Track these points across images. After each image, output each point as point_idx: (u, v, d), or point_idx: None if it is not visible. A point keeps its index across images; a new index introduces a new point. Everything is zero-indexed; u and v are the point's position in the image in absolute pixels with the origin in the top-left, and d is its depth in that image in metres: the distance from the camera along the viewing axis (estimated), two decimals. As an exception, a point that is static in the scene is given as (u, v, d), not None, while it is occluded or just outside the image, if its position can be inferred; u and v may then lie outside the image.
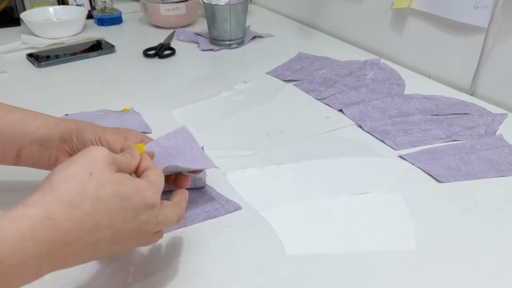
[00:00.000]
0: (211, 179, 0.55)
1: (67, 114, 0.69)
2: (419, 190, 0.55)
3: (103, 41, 1.02)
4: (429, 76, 0.87)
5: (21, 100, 0.65)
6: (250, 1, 1.36)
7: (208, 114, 0.72)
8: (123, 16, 1.20)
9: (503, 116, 0.71)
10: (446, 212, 0.51)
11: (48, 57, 0.93)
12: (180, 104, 0.75)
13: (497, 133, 0.67)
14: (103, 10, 1.17)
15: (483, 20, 0.73)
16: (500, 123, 0.69)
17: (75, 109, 0.70)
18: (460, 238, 0.47)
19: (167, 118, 0.71)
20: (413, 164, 0.59)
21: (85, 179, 0.32)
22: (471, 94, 0.79)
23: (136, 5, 1.30)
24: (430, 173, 0.57)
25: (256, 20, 1.19)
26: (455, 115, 0.72)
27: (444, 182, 0.56)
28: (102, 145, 0.45)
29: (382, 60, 0.92)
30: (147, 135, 0.65)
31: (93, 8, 1.19)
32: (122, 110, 0.71)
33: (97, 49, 0.98)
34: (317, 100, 0.77)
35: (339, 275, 0.42)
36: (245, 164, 0.59)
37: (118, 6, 1.22)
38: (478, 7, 0.74)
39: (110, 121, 0.67)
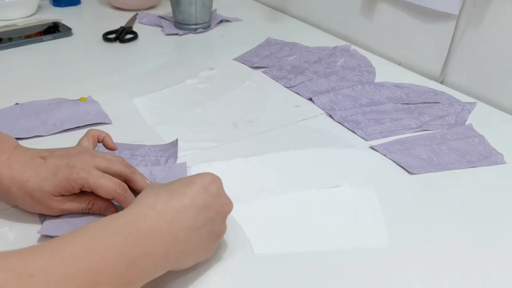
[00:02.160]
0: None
1: (17, 103, 0.64)
2: (391, 183, 0.53)
3: (60, 24, 0.95)
4: (400, 64, 0.86)
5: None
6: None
7: (172, 103, 0.69)
8: (82, -3, 1.13)
9: (472, 105, 0.71)
10: (418, 205, 0.50)
11: (2, 40, 0.86)
12: (142, 92, 0.70)
13: (467, 122, 0.66)
14: (59, -11, 1.09)
15: (454, 7, 0.72)
16: (470, 112, 0.69)
17: (27, 98, 0.65)
18: (432, 230, 0.46)
19: (128, 108, 0.66)
20: (385, 156, 0.58)
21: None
22: (441, 82, 0.79)
23: (96, -14, 1.22)
24: (401, 165, 0.56)
25: (222, 3, 1.14)
26: (425, 104, 0.71)
27: (416, 174, 0.55)
28: None
29: (352, 47, 0.90)
30: (106, 126, 0.61)
31: (48, -13, 1.12)
32: (79, 99, 0.66)
33: (53, 32, 0.91)
34: (286, 88, 0.75)
35: (310, 274, 0.40)
36: (211, 156, 0.56)
37: (75, -14, 1.14)
38: (449, -7, 0.73)
39: (65, 111, 0.62)
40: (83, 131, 0.49)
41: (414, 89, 0.75)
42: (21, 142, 0.46)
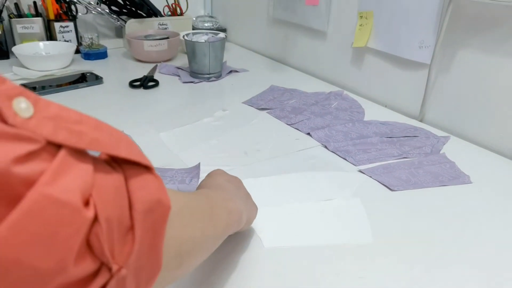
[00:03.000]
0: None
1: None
2: (375, 197, 0.65)
3: (91, 73, 1.10)
4: (385, 106, 0.99)
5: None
6: (226, 39, 1.48)
7: (192, 136, 0.81)
8: (108, 51, 1.29)
9: (446, 138, 0.83)
10: (397, 214, 0.61)
11: (42, 87, 1.01)
12: (166, 128, 0.83)
13: (441, 152, 0.79)
14: (90, 45, 1.26)
15: (426, 57, 0.87)
16: (444, 144, 0.81)
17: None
18: (408, 234, 0.57)
19: (155, 140, 0.79)
20: (370, 177, 0.70)
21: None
22: (421, 120, 0.92)
23: (120, 42, 1.40)
24: (384, 184, 0.68)
25: (232, 56, 1.31)
26: (406, 137, 0.83)
27: (396, 190, 0.66)
28: None
29: (345, 92, 1.04)
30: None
31: (80, 43, 1.28)
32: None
33: (86, 81, 1.06)
34: (288, 125, 0.88)
35: (308, 263, 0.51)
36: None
37: (103, 42, 1.31)
38: (422, 46, 0.87)
39: None
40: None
41: (397, 125, 0.88)
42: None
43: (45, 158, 0.21)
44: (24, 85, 1.00)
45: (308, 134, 0.84)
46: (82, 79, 1.07)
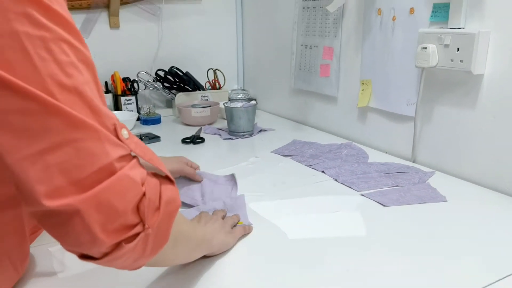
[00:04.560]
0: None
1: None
2: (371, 211, 0.87)
3: (150, 134, 1.40)
4: (386, 152, 1.23)
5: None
6: (257, 106, 1.79)
7: (236, 173, 1.07)
8: (161, 118, 1.61)
9: (432, 173, 1.06)
10: (388, 222, 0.83)
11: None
12: (214, 169, 1.10)
13: (426, 182, 1.01)
14: (147, 114, 1.58)
15: (412, 112, 1.12)
16: (429, 177, 1.04)
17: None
18: (396, 237, 0.78)
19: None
20: (369, 198, 0.92)
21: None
22: (413, 161, 1.15)
23: (170, 111, 1.72)
24: (379, 202, 0.90)
25: (262, 120, 1.59)
26: (400, 173, 1.06)
27: (388, 206, 0.89)
28: None
29: (353, 143, 1.29)
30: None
31: (139, 112, 1.60)
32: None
33: (149, 138, 1.35)
34: (306, 166, 1.12)
35: (321, 249, 0.73)
36: (260, 200, 0.92)
37: (157, 111, 1.63)
38: (409, 104, 1.13)
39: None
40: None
41: (394, 165, 1.12)
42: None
43: (128, 160, 0.46)
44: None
45: (323, 172, 1.08)
46: (143, 138, 1.36)
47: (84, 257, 0.46)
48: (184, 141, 1.34)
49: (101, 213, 0.42)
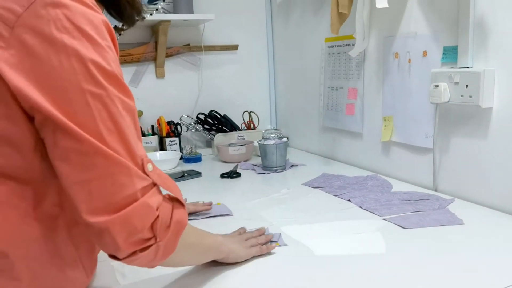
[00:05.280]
0: (275, 231, 0.99)
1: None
2: (392, 232, 0.96)
3: (192, 170, 1.55)
4: (409, 182, 1.32)
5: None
6: (288, 145, 1.92)
7: (266, 204, 1.19)
8: (202, 157, 1.76)
9: (452, 200, 1.14)
10: (406, 242, 0.92)
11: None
12: (250, 200, 1.22)
13: (445, 208, 1.09)
14: (189, 153, 1.74)
15: (430, 144, 1.22)
16: (449, 204, 1.12)
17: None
18: (414, 256, 0.87)
19: (243, 207, 1.17)
20: (390, 221, 1.02)
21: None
22: (435, 190, 1.23)
23: (210, 150, 1.87)
24: (399, 225, 0.99)
25: (293, 156, 1.72)
26: (421, 200, 1.15)
27: (407, 228, 0.98)
28: None
29: (378, 175, 1.39)
30: (229, 216, 1.11)
31: (182, 152, 1.77)
32: (217, 203, 1.19)
33: (191, 175, 1.50)
34: (334, 196, 1.23)
35: (344, 264, 0.83)
36: (291, 224, 1.03)
37: (198, 150, 1.79)
38: (427, 136, 1.23)
39: (213, 210, 1.14)
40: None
41: (416, 194, 1.20)
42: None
43: (149, 189, 0.61)
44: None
45: (349, 200, 1.18)
46: (187, 174, 1.51)
47: (112, 256, 0.62)
48: (223, 176, 1.48)
49: (124, 230, 0.58)
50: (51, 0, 0.56)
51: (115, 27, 0.79)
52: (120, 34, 0.83)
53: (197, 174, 1.51)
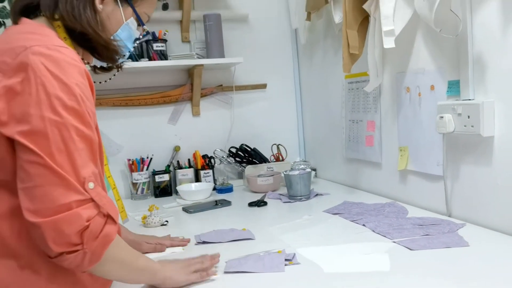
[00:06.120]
0: (291, 252, 1.10)
1: (199, 234, 1.30)
2: (399, 253, 1.04)
3: (224, 200, 1.68)
4: (425, 209, 1.39)
5: (180, 231, 1.29)
6: (316, 176, 2.02)
7: (288, 228, 1.30)
8: (233, 187, 1.90)
9: (462, 224, 1.20)
10: (413, 262, 0.99)
11: (194, 209, 1.60)
12: (273, 225, 1.33)
13: (455, 232, 1.15)
14: (222, 184, 1.88)
15: (440, 171, 1.29)
16: (460, 228, 1.18)
17: (208, 229, 1.32)
18: (416, 274, 0.95)
19: (266, 232, 1.28)
20: (399, 244, 1.10)
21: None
22: (449, 216, 1.29)
23: (241, 181, 2.01)
24: (407, 247, 1.07)
25: (319, 186, 1.82)
26: (433, 225, 1.22)
27: (414, 250, 1.05)
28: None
29: (396, 202, 1.46)
30: (252, 240, 1.23)
31: (215, 183, 1.91)
32: (242, 229, 1.31)
33: (221, 204, 1.64)
34: (351, 221, 1.32)
35: (350, 281, 0.92)
36: (307, 246, 1.13)
37: (230, 181, 1.93)
38: (438, 164, 1.31)
39: (235, 234, 1.26)
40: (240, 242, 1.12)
41: (429, 219, 1.27)
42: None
43: (85, 203, 0.74)
44: (184, 209, 1.60)
45: (363, 225, 1.27)
46: (219, 203, 1.65)
47: (48, 256, 0.75)
48: (250, 204, 1.60)
49: (53, 232, 0.71)
50: (33, 51, 0.74)
51: (102, 67, 1.03)
52: (118, 70, 1.05)
53: (227, 203, 1.65)
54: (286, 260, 1.03)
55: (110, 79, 1.10)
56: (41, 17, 0.87)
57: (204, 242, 1.22)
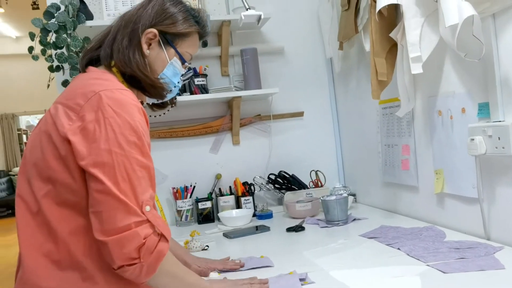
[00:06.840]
0: (324, 275, 1.13)
1: (240, 257, 1.36)
2: (431, 277, 1.04)
3: (263, 226, 1.74)
4: (464, 232, 1.37)
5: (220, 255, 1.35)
6: (355, 201, 2.03)
7: (322, 252, 1.33)
8: (273, 214, 1.95)
9: (500, 247, 1.18)
10: (446, 285, 0.99)
11: (235, 235, 1.67)
12: (308, 249, 1.37)
13: (491, 255, 1.14)
14: (262, 210, 1.94)
15: (476, 193, 1.28)
16: (497, 251, 1.16)
17: (247, 254, 1.37)
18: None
19: (300, 256, 1.32)
20: (432, 267, 1.10)
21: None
22: (488, 239, 1.27)
23: (281, 207, 2.06)
24: (440, 270, 1.07)
25: (358, 211, 1.83)
26: (469, 248, 1.21)
27: (447, 273, 1.05)
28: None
29: (434, 226, 1.45)
30: (280, 262, 1.27)
31: (255, 209, 1.97)
32: (261, 256, 1.35)
33: (260, 230, 1.69)
34: (386, 245, 1.33)
35: (377, 298, 0.94)
36: (339, 269, 1.16)
37: (270, 207, 1.99)
38: (474, 187, 1.30)
39: (253, 262, 1.30)
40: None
41: (466, 242, 1.26)
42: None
43: (143, 223, 0.87)
44: (224, 235, 1.67)
45: (398, 249, 1.28)
46: (257, 229, 1.70)
47: (112, 268, 0.87)
48: (288, 230, 1.65)
49: (117, 248, 0.84)
50: (101, 95, 0.90)
51: (157, 105, 1.19)
52: (172, 106, 1.23)
53: (266, 228, 1.70)
54: (300, 279, 1.06)
55: (164, 113, 1.24)
56: (101, 66, 1.05)
57: (222, 271, 1.25)
